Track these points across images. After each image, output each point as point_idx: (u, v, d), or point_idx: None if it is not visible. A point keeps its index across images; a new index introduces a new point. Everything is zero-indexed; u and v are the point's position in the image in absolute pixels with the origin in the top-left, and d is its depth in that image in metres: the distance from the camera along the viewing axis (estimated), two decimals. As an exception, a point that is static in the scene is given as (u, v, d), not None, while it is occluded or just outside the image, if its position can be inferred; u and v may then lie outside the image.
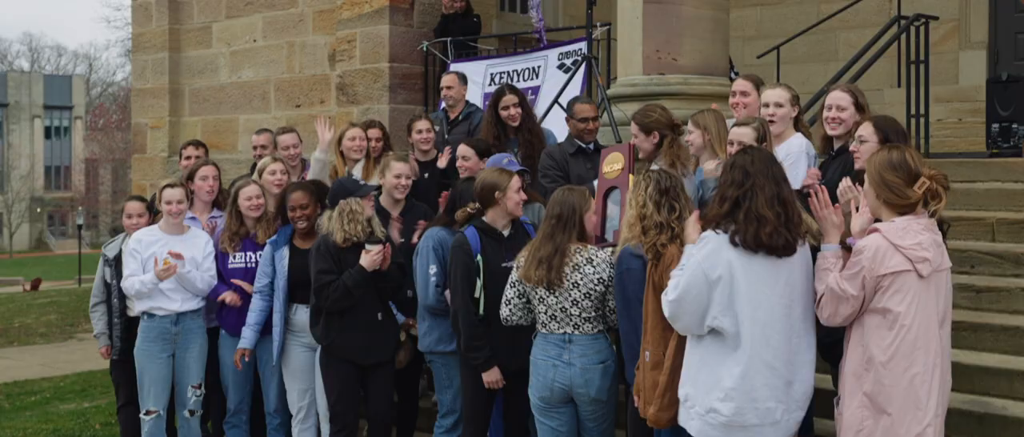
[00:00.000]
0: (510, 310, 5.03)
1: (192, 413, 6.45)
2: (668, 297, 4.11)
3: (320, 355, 5.97)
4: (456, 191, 5.86)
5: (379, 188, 6.19)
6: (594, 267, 4.84)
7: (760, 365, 3.98)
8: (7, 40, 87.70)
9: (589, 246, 4.94)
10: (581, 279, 4.82)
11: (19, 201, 61.94)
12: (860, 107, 5.11)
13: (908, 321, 3.84)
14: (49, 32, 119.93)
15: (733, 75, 8.56)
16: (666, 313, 4.15)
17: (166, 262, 6.13)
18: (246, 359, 6.23)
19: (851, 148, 4.80)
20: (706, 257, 4.02)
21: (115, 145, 57.31)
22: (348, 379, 5.89)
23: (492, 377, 5.33)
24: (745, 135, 5.01)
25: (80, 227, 47.86)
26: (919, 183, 3.90)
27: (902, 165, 3.92)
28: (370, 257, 5.69)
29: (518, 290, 4.99)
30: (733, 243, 3.98)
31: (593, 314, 4.85)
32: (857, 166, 4.69)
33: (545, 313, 4.90)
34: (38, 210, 64.73)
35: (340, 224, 5.76)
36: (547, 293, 4.86)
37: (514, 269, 5.02)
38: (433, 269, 5.67)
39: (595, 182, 5.84)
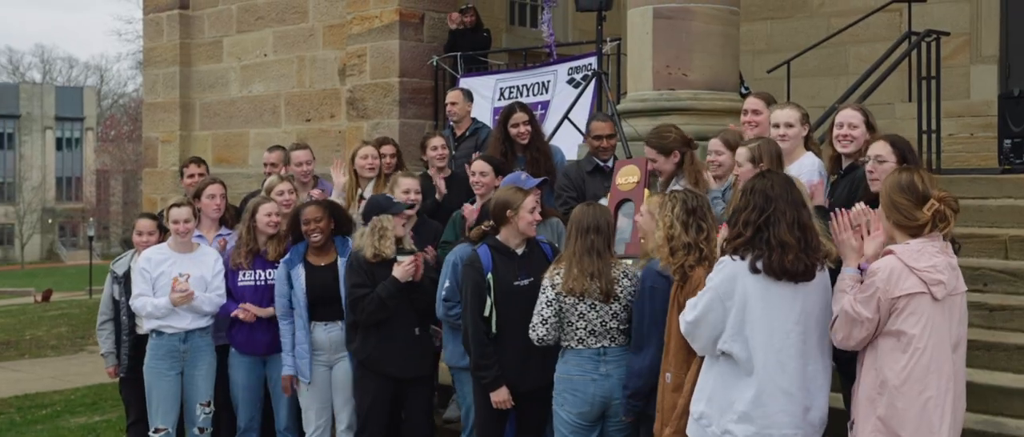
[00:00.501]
0: (547, 329, 4.97)
1: (202, 431, 6.42)
2: (685, 317, 4.15)
3: (354, 369, 6.00)
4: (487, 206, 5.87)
5: (413, 206, 6.17)
6: (630, 280, 4.92)
7: (776, 391, 3.97)
8: (20, 52, 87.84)
9: (620, 260, 5.03)
10: (622, 292, 4.89)
11: (31, 212, 62.22)
12: (871, 126, 5.11)
13: (922, 344, 3.82)
14: (61, 44, 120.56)
15: (743, 90, 8.55)
16: (683, 331, 4.18)
17: (182, 287, 6.14)
18: (295, 386, 6.21)
19: (868, 168, 4.79)
20: (722, 283, 4.03)
21: (126, 156, 57.55)
22: (381, 394, 5.91)
23: (500, 397, 5.30)
24: (740, 156, 5.05)
25: (91, 238, 48.01)
26: (928, 205, 3.87)
27: (911, 187, 3.90)
28: (402, 268, 5.74)
29: (556, 308, 4.96)
30: (754, 269, 3.97)
31: (626, 326, 4.90)
32: (874, 188, 4.67)
33: (584, 328, 4.90)
34: (49, 221, 65.00)
35: (371, 240, 5.82)
36: (589, 308, 4.87)
37: (549, 288, 4.96)
38: (446, 283, 5.69)
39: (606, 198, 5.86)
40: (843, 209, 4.13)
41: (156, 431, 6.33)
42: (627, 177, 5.81)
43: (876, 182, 4.68)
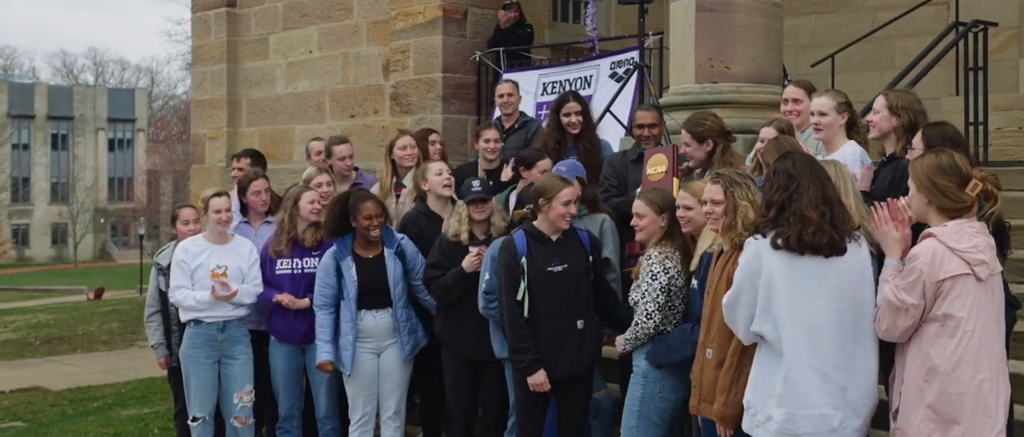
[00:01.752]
0: (662, 315, 5.02)
1: (241, 421, 6.49)
2: (723, 301, 4.18)
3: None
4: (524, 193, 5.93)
5: (486, 197, 6.17)
6: None
7: (807, 371, 3.92)
8: (73, 55, 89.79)
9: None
10: None
11: (83, 212, 63.30)
12: (894, 112, 5.04)
13: (970, 326, 3.76)
14: (113, 47, 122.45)
15: (786, 83, 8.49)
16: (726, 319, 4.20)
17: (223, 292, 6.26)
18: (329, 369, 6.27)
19: (908, 157, 4.75)
20: (748, 262, 4.03)
21: (176, 157, 58.33)
22: (460, 372, 6.07)
23: (536, 380, 5.33)
24: (767, 134, 5.04)
25: (142, 237, 48.72)
26: (971, 185, 3.84)
27: (953, 168, 3.86)
28: (468, 259, 5.88)
29: (668, 293, 5.03)
30: (775, 246, 3.95)
31: None
32: (871, 135, 4.66)
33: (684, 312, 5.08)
34: (102, 221, 66.08)
35: (457, 220, 5.99)
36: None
37: (661, 273, 4.99)
38: (486, 276, 5.74)
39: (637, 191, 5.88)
40: (883, 202, 4.06)
41: (193, 419, 6.43)
42: (656, 167, 5.81)
43: (872, 129, 4.66)
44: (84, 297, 31.49)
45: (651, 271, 5.05)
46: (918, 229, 4.02)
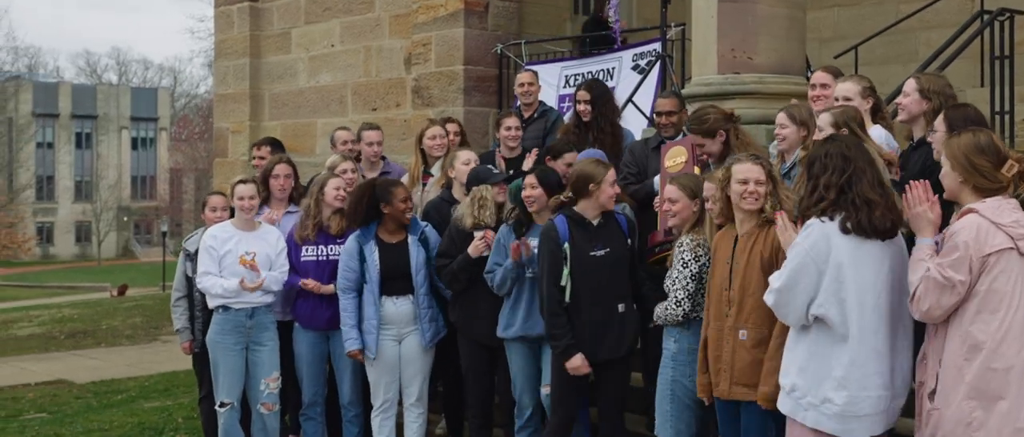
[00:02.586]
0: (692, 303, 5.03)
1: (268, 407, 6.52)
2: (773, 285, 4.12)
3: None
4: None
5: (511, 177, 6.24)
6: None
7: (871, 354, 3.95)
8: (96, 54, 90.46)
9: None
10: None
11: (107, 210, 63.79)
12: (925, 95, 5.01)
13: (1016, 301, 3.72)
14: (136, 46, 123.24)
15: (809, 74, 8.45)
16: (769, 302, 4.14)
17: (253, 283, 6.29)
18: (359, 358, 6.31)
19: (928, 139, 4.73)
20: (813, 245, 4.00)
21: (198, 155, 58.69)
22: (475, 357, 6.14)
23: (574, 363, 5.35)
24: (823, 121, 5.02)
25: (164, 235, 49.00)
26: (1007, 166, 3.82)
27: (990, 148, 3.85)
28: (474, 244, 5.92)
29: (697, 280, 5.04)
30: (844, 230, 3.96)
31: None
32: (935, 157, 4.61)
33: None
34: (125, 219, 66.56)
35: (471, 210, 6.01)
36: None
37: (692, 261, 5.02)
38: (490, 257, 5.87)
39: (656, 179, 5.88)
40: (916, 182, 4.02)
41: (221, 405, 6.46)
42: (675, 159, 5.81)
43: (936, 152, 4.60)
44: (108, 294, 31.71)
45: (682, 259, 5.07)
46: (946, 209, 4.01)
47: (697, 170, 5.72)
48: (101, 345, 16.21)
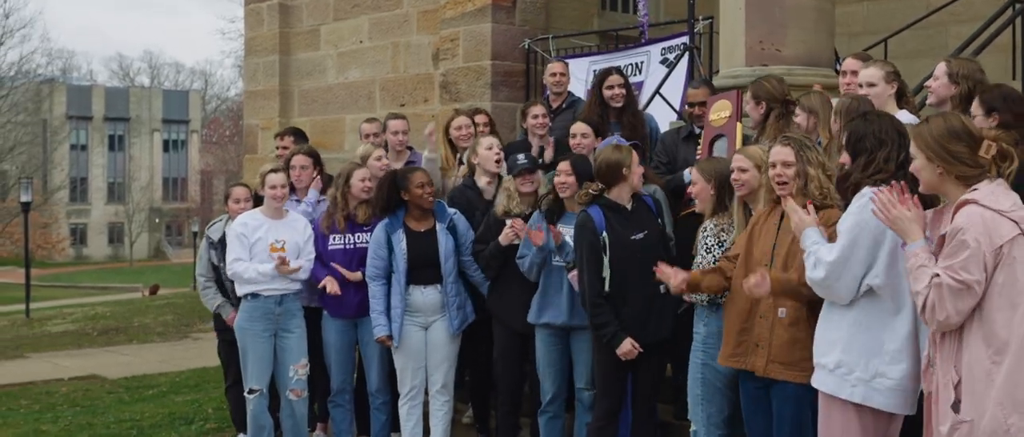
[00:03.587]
0: None
1: (296, 394, 6.57)
2: (825, 258, 3.97)
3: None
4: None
5: (534, 168, 6.25)
6: None
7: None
8: (129, 58, 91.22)
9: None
10: None
11: (139, 211, 64.38)
12: (954, 79, 4.97)
13: None
14: (168, 50, 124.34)
15: (838, 67, 8.41)
16: (818, 276, 3.99)
17: (289, 266, 6.33)
18: (388, 344, 6.34)
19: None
20: (872, 217, 3.80)
21: (228, 157, 59.16)
22: (507, 343, 6.18)
23: (624, 349, 5.36)
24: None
25: (195, 235, 49.34)
26: (985, 147, 3.55)
27: (964, 131, 3.56)
28: (505, 232, 5.98)
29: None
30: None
31: None
32: (929, 101, 4.58)
33: None
34: (156, 220, 67.14)
35: (505, 197, 6.11)
36: None
37: (715, 247, 5.07)
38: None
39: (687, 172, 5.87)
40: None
41: (251, 391, 6.51)
42: (719, 113, 5.79)
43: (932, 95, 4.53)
44: (140, 294, 32.00)
45: (706, 243, 5.08)
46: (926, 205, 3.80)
47: (739, 126, 5.71)
48: (133, 342, 16.37)
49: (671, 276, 4.79)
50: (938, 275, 3.43)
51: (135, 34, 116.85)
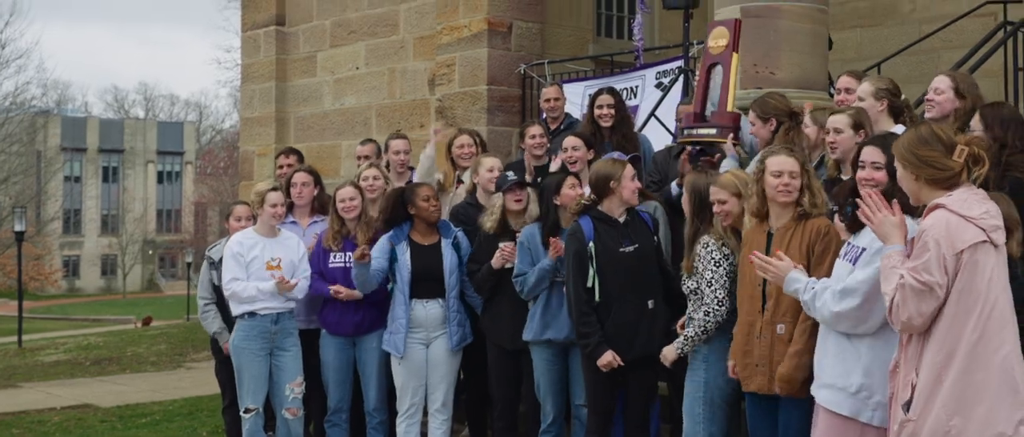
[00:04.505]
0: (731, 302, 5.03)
1: (292, 413, 6.55)
2: (853, 286, 3.95)
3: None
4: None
5: (523, 183, 6.28)
6: None
7: None
8: (124, 89, 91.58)
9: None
10: None
11: (132, 243, 64.24)
12: (960, 93, 5.02)
13: (992, 297, 3.47)
14: (163, 82, 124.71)
15: (832, 91, 8.47)
16: (853, 303, 3.95)
17: (288, 284, 6.35)
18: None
19: (927, 98, 4.73)
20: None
21: (223, 188, 59.07)
22: (500, 362, 6.19)
23: (605, 360, 5.35)
24: (840, 122, 5.02)
25: (189, 265, 49.22)
26: (958, 151, 3.57)
27: (933, 137, 3.62)
28: (497, 256, 6.01)
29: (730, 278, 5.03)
30: None
31: None
32: (928, 115, 4.61)
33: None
34: (150, 252, 67.00)
35: (490, 215, 6.14)
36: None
37: (723, 260, 5.01)
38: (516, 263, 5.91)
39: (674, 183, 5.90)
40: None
41: (246, 411, 6.49)
42: (717, 40, 5.80)
43: (932, 109, 4.54)
44: (133, 326, 31.84)
45: (713, 259, 5.01)
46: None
47: (735, 57, 5.72)
48: (126, 371, 16.22)
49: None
50: (903, 275, 3.51)
51: (130, 66, 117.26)
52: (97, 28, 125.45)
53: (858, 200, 3.87)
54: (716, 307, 4.98)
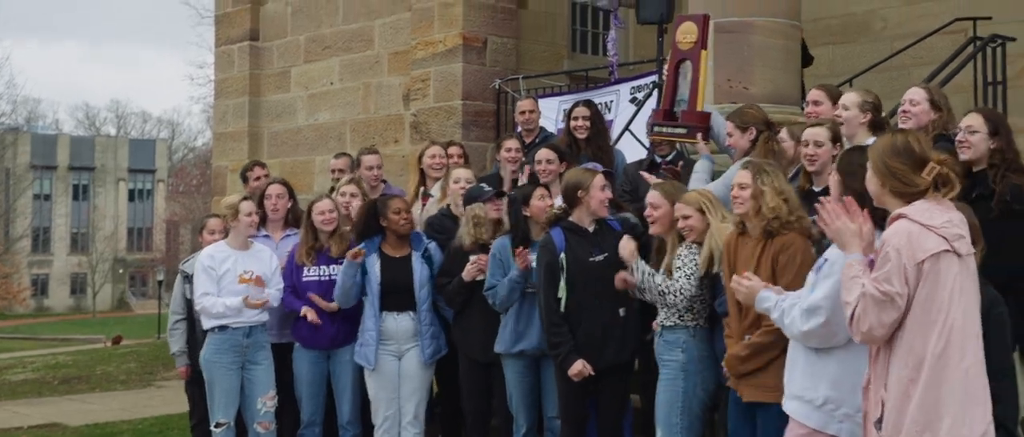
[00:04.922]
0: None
1: (264, 427, 6.49)
2: (817, 301, 3.92)
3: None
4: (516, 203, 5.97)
5: (502, 193, 6.29)
6: None
7: None
8: (96, 107, 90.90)
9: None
10: None
11: (103, 262, 63.62)
12: (935, 105, 5.08)
13: (957, 308, 3.40)
14: (135, 99, 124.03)
15: (804, 105, 8.53)
16: (818, 321, 3.92)
17: (256, 299, 6.31)
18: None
19: (958, 139, 4.76)
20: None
21: (195, 206, 58.70)
22: (471, 374, 6.16)
23: (576, 369, 5.36)
24: (820, 134, 5.04)
25: (160, 283, 48.82)
26: (927, 169, 3.49)
27: (907, 149, 3.53)
28: (467, 268, 5.98)
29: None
30: None
31: None
32: (963, 157, 4.64)
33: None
34: (120, 271, 66.36)
35: (467, 229, 6.06)
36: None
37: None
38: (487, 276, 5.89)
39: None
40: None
41: (217, 425, 6.43)
42: (686, 35, 5.82)
43: (966, 150, 4.58)
44: (102, 345, 31.51)
45: (686, 270, 5.04)
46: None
47: (704, 54, 5.73)
48: (95, 390, 16.02)
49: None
50: (865, 284, 3.45)
51: (102, 83, 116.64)
52: (69, 46, 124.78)
53: (820, 199, 3.84)
54: (686, 284, 5.00)
